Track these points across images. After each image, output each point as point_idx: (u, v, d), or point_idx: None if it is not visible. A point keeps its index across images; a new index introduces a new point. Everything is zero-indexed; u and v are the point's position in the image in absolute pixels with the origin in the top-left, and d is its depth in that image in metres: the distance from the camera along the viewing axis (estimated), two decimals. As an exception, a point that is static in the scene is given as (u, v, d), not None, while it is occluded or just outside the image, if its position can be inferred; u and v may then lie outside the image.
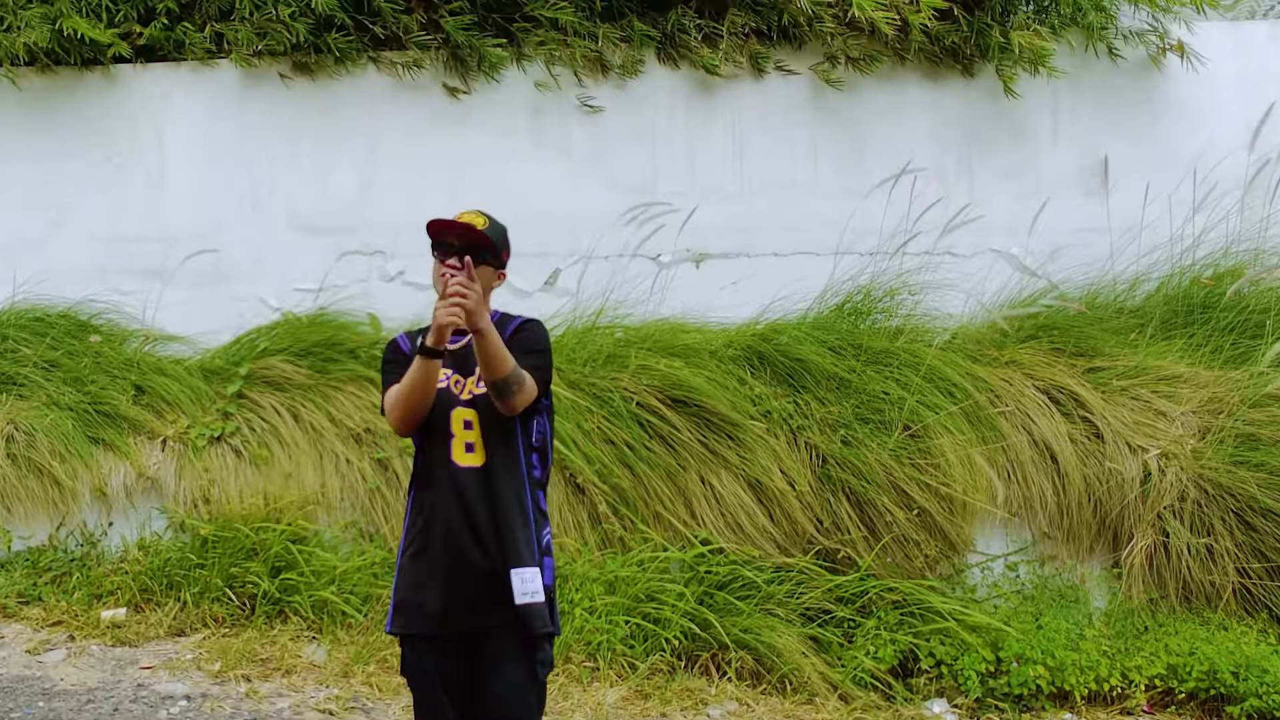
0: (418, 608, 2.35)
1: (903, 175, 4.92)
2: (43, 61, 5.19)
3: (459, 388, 2.41)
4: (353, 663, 3.88)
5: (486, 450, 2.36)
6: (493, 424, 2.37)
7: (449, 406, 2.38)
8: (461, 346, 2.39)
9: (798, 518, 4.26)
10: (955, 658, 3.96)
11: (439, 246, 2.39)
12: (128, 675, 3.77)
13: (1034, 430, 4.37)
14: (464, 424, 2.36)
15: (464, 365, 2.42)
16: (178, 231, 5.28)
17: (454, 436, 2.36)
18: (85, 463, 4.65)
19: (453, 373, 2.42)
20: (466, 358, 2.40)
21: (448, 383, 2.41)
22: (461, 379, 2.42)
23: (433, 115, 5.23)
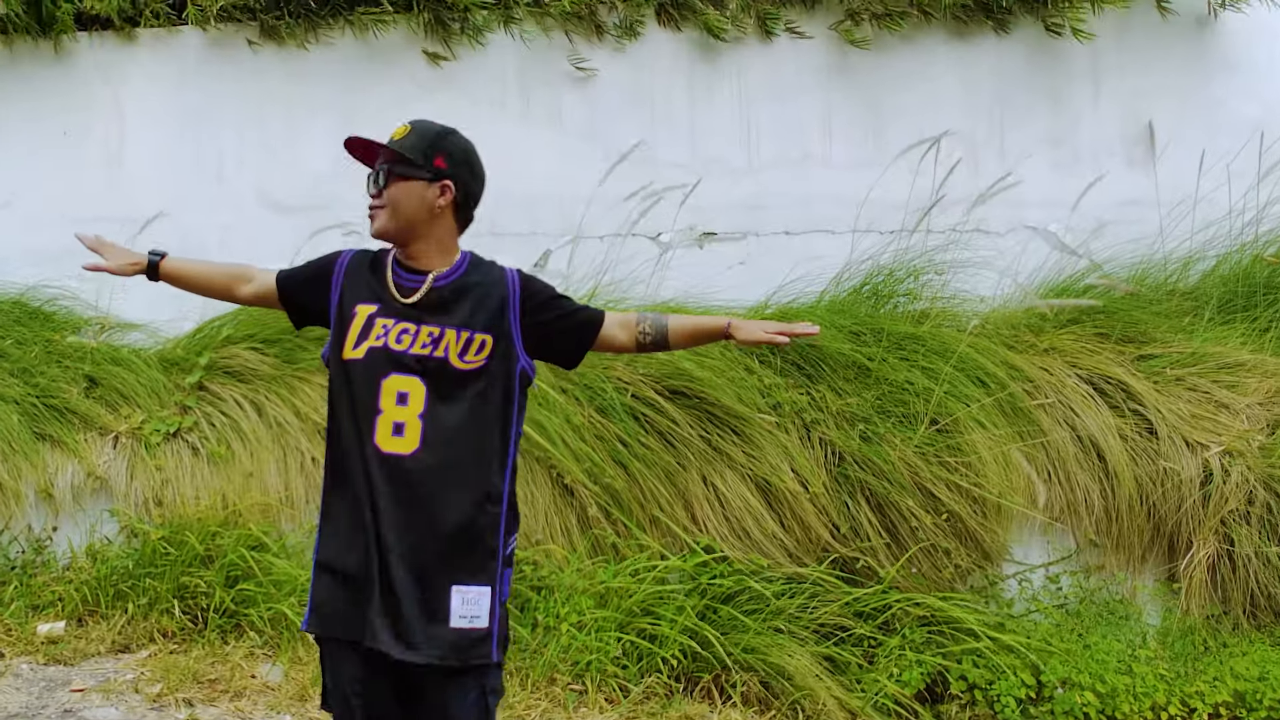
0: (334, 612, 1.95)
1: (932, 146, 4.49)
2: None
3: (405, 341, 1.94)
4: (311, 685, 3.49)
5: (425, 434, 1.92)
6: (447, 401, 1.93)
7: (382, 371, 1.93)
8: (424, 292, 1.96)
9: (811, 523, 3.83)
10: (990, 681, 3.52)
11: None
12: (55, 699, 3.39)
13: (1078, 425, 3.92)
14: (398, 396, 1.92)
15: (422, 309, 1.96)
16: (138, 211, 4.91)
17: (381, 412, 1.92)
18: (30, 461, 4.28)
19: (398, 322, 1.95)
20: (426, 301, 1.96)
21: (386, 338, 1.94)
22: (414, 329, 1.95)
23: (412, 83, 4.85)
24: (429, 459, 1.91)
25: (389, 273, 2.00)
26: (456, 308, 1.97)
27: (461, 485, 1.93)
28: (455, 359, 1.94)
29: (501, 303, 1.99)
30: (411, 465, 1.91)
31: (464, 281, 2.01)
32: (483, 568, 1.94)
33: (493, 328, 1.97)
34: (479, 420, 1.96)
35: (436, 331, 1.94)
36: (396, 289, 1.98)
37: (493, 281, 2.02)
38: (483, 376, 1.96)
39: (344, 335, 1.98)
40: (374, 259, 2.06)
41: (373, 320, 1.95)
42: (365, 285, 2.00)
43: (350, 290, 2.01)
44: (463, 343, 1.94)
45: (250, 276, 2.20)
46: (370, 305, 1.97)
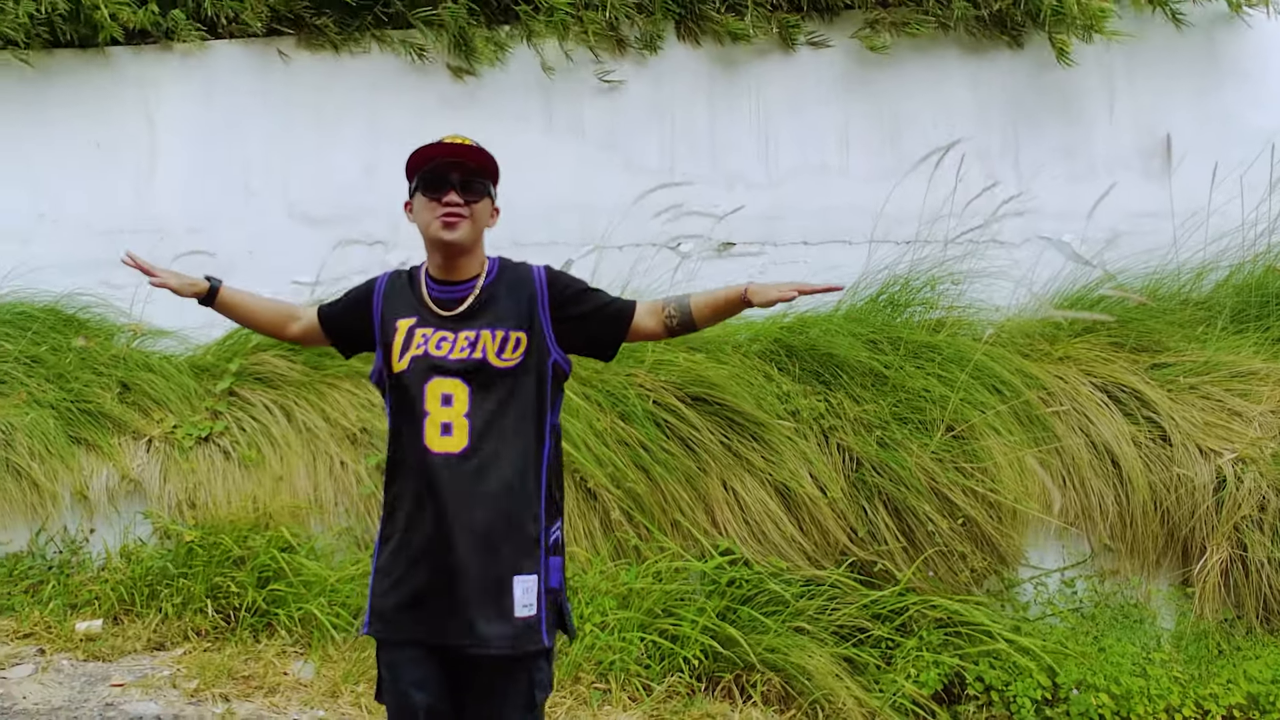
0: (397, 615, 2.08)
1: (943, 156, 4.62)
2: (37, 42, 5.02)
3: (444, 348, 2.06)
4: (342, 681, 3.63)
5: (473, 433, 2.04)
6: (491, 397, 2.05)
7: (425, 376, 2.06)
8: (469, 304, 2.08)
9: (829, 526, 3.96)
10: (1006, 683, 3.63)
11: (430, 180, 2.10)
12: (96, 694, 3.54)
13: (1092, 432, 4.04)
14: (442, 399, 2.05)
15: (458, 317, 2.08)
16: (169, 221, 5.11)
17: (428, 415, 2.04)
18: (66, 464, 4.45)
19: (437, 330, 2.08)
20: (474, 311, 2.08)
21: (426, 346, 2.07)
22: (452, 336, 2.07)
23: (438, 97, 5.02)
24: (477, 455, 2.04)
25: (423, 287, 2.15)
26: (490, 310, 2.10)
27: (508, 478, 2.05)
28: (494, 358, 2.06)
29: (531, 300, 2.12)
30: (461, 463, 2.03)
31: (496, 285, 2.13)
32: (532, 556, 2.06)
33: (525, 325, 2.09)
34: (519, 415, 2.08)
35: (473, 335, 2.06)
36: (432, 301, 2.12)
37: (522, 281, 2.14)
38: (520, 372, 2.08)
39: (390, 351, 2.11)
40: (408, 276, 2.20)
41: (413, 332, 2.10)
42: (403, 302, 2.15)
43: (389, 309, 2.15)
44: (499, 342, 2.06)
45: (298, 315, 2.35)
46: (409, 319, 2.11)
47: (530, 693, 2.08)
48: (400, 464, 2.10)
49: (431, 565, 2.04)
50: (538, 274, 2.17)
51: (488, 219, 2.15)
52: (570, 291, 2.17)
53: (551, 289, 2.15)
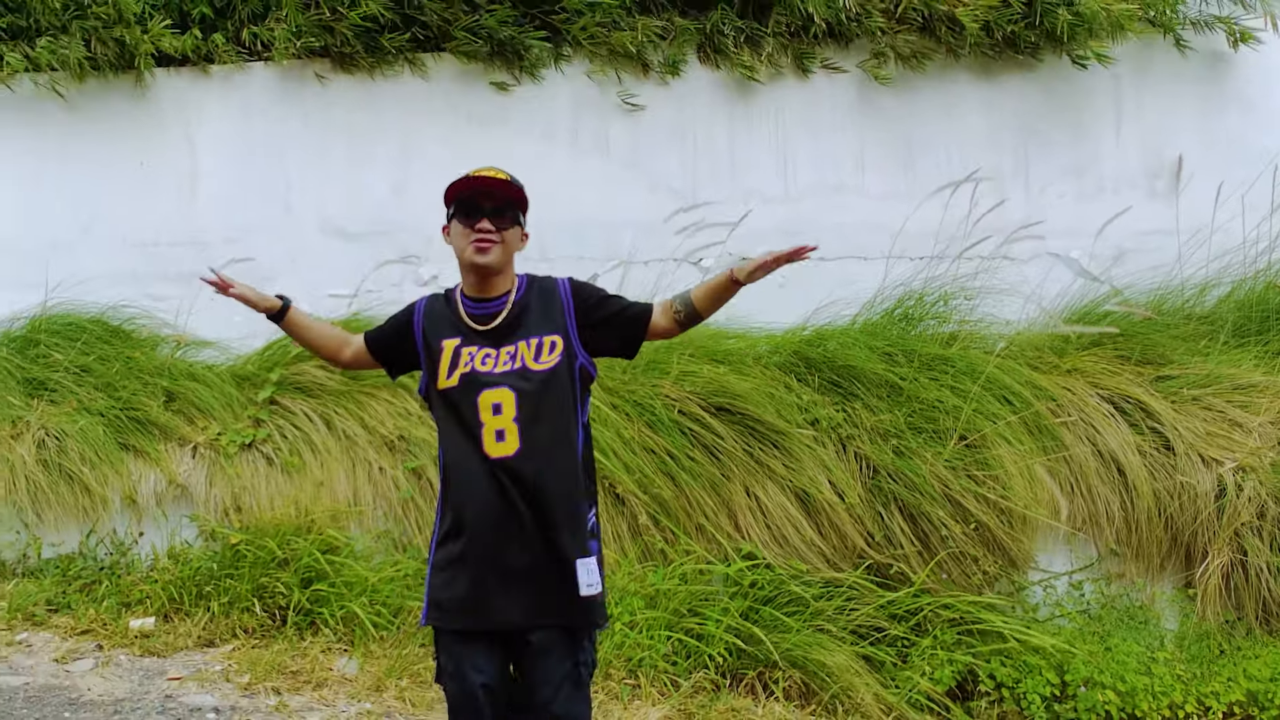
0: (455, 606, 2.29)
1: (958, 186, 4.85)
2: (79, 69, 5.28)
3: (489, 363, 2.28)
4: (385, 676, 3.85)
5: (523, 435, 2.25)
6: (535, 401, 2.26)
7: (475, 390, 2.26)
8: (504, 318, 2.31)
9: (847, 531, 4.18)
10: (1017, 680, 3.85)
11: (465, 207, 2.32)
12: (155, 686, 3.77)
13: (1099, 441, 4.25)
14: (493, 408, 2.25)
15: (498, 334, 2.31)
16: (209, 236, 5.35)
17: (483, 425, 2.25)
18: (116, 469, 4.69)
19: (482, 348, 2.29)
20: (502, 325, 2.30)
21: (473, 363, 2.28)
22: (495, 352, 2.29)
23: (468, 117, 5.26)
24: (530, 456, 2.26)
25: (460, 308, 2.36)
26: (524, 322, 2.33)
27: (558, 473, 2.28)
28: (531, 362, 2.28)
29: (559, 309, 2.34)
30: (517, 464, 2.25)
31: (527, 299, 2.36)
32: (586, 540, 2.30)
33: (557, 330, 2.32)
34: (559, 415, 2.30)
35: (512, 348, 2.29)
36: (470, 319, 2.35)
37: (549, 292, 2.37)
38: (556, 372, 2.30)
39: (436, 369, 2.33)
40: (445, 299, 2.41)
41: (459, 351, 2.31)
42: (445, 323, 2.36)
43: (431, 331, 2.37)
44: (534, 348, 2.29)
45: (350, 342, 2.56)
46: (453, 339, 2.33)
47: (578, 671, 2.29)
48: (459, 470, 2.30)
49: (498, 559, 2.25)
50: (562, 285, 2.40)
51: (518, 243, 2.37)
52: (593, 299, 2.39)
53: (576, 298, 2.37)
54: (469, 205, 2.31)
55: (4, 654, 3.96)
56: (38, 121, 5.41)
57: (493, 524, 2.26)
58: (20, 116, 5.42)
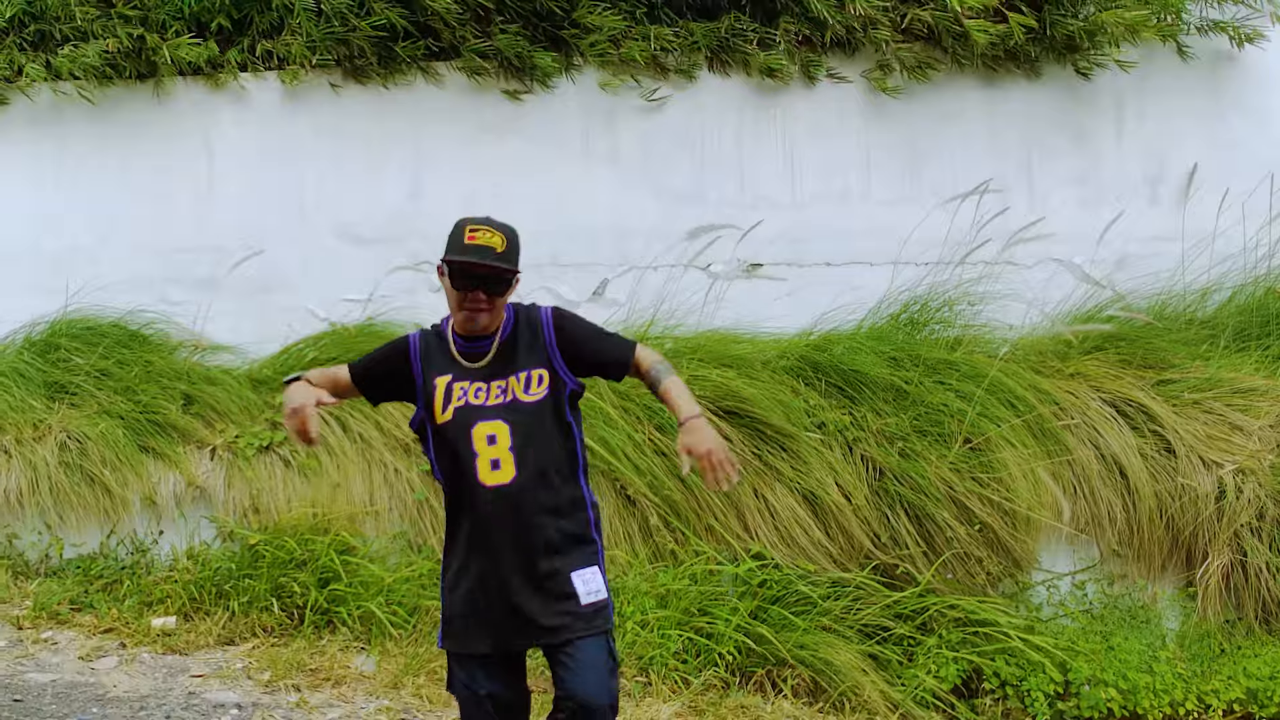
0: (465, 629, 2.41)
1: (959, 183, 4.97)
2: (98, 76, 5.40)
3: (481, 396, 2.38)
4: (402, 674, 3.96)
5: (518, 463, 2.36)
6: (527, 430, 2.37)
7: (470, 423, 2.37)
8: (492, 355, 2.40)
9: (854, 532, 4.28)
10: (1021, 678, 3.95)
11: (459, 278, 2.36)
12: (179, 683, 3.88)
13: (1101, 444, 4.35)
14: (488, 439, 2.36)
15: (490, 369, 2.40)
16: (226, 242, 5.46)
17: (478, 455, 2.35)
18: (135, 471, 4.80)
19: (473, 382, 2.39)
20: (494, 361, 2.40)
21: (466, 397, 2.38)
22: (485, 386, 2.39)
23: (481, 125, 5.37)
24: (525, 483, 2.37)
25: (451, 345, 2.44)
26: (513, 357, 2.42)
27: (554, 496, 2.40)
28: (521, 395, 2.39)
29: (543, 341, 2.45)
30: (512, 490, 2.36)
31: (515, 334, 2.45)
32: (586, 552, 2.42)
33: (543, 364, 2.43)
34: (552, 441, 2.42)
35: (503, 383, 2.40)
36: (461, 356, 2.43)
37: (533, 326, 2.46)
38: (546, 403, 2.41)
39: (432, 404, 2.42)
40: (436, 334, 2.48)
41: (451, 387, 2.40)
42: (438, 359, 2.44)
43: (428, 368, 2.44)
44: (524, 381, 2.40)
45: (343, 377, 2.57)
46: (445, 375, 2.41)
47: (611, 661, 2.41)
48: (458, 499, 2.42)
49: (499, 583, 2.37)
50: (545, 317, 2.48)
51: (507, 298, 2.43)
52: (575, 335, 2.47)
53: (556, 329, 2.47)
54: (463, 276, 2.36)
55: (31, 651, 4.07)
56: (58, 132, 5.53)
57: (493, 549, 2.37)
58: (41, 126, 5.54)
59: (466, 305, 2.36)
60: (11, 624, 4.30)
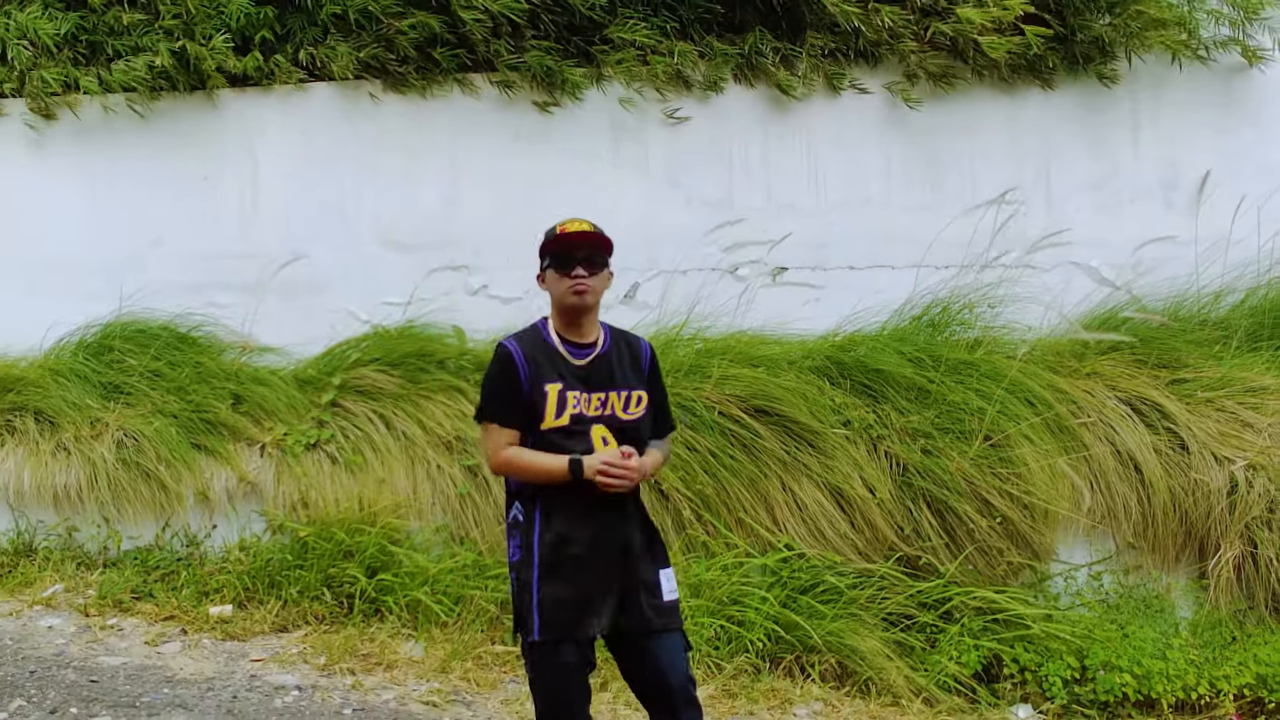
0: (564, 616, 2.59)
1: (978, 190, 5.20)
2: (148, 88, 5.70)
3: (590, 405, 2.63)
4: (449, 659, 4.22)
5: None
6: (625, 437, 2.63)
7: (586, 427, 2.61)
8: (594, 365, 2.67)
9: (879, 525, 4.52)
10: (1039, 664, 4.17)
11: (560, 259, 2.63)
12: (240, 667, 4.16)
13: (1117, 441, 4.58)
14: (602, 440, 2.62)
15: (590, 379, 2.65)
16: (270, 248, 5.75)
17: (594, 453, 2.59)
18: (189, 467, 5.10)
19: (580, 392, 2.63)
20: (593, 371, 2.66)
21: (579, 405, 2.62)
22: (588, 395, 2.64)
23: (515, 136, 5.63)
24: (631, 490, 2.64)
25: (558, 351, 2.66)
26: (614, 374, 2.69)
27: (640, 501, 2.73)
28: (620, 412, 2.67)
29: (642, 366, 2.75)
30: (619, 495, 2.62)
31: (614, 349, 2.74)
32: (662, 555, 2.74)
33: (644, 385, 2.73)
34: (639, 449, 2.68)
35: (603, 395, 2.66)
36: (570, 365, 2.66)
37: (635, 350, 2.76)
38: (642, 422, 2.70)
39: (541, 412, 2.60)
40: (534, 340, 2.68)
41: (564, 395, 2.62)
42: (546, 366, 2.63)
43: (535, 374, 2.62)
44: (624, 400, 2.67)
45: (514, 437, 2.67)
46: (556, 383, 2.62)
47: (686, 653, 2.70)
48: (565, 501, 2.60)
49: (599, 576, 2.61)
50: (646, 349, 2.79)
51: (606, 283, 2.71)
52: (658, 376, 2.81)
53: (651, 367, 2.79)
54: (563, 257, 2.61)
55: (100, 637, 4.36)
56: (108, 143, 5.83)
57: (602, 548, 2.62)
58: (91, 138, 5.84)
59: (573, 288, 2.59)
60: (79, 611, 4.60)
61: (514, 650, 4.29)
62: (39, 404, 5.36)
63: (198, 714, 3.68)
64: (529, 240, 5.48)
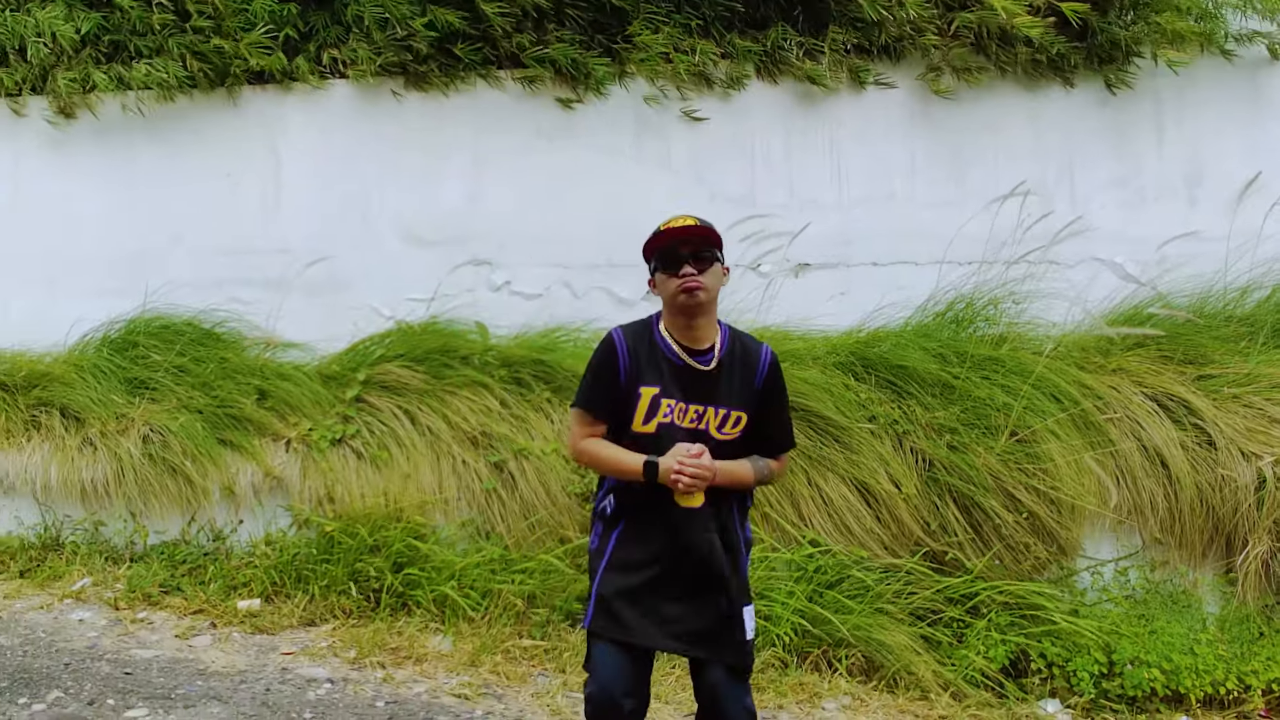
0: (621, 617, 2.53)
1: (1002, 186, 5.23)
2: (172, 87, 5.75)
3: (684, 416, 2.49)
4: (478, 653, 4.26)
5: (708, 490, 2.47)
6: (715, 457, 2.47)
7: (671, 442, 2.47)
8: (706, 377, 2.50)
9: (905, 520, 4.55)
10: (1067, 659, 4.19)
11: (666, 258, 2.52)
12: (271, 660, 4.21)
13: (1144, 437, 4.60)
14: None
15: (691, 389, 2.50)
16: (293, 244, 5.80)
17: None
18: (215, 462, 5.15)
19: (677, 401, 2.48)
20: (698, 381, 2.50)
21: (671, 415, 2.50)
22: (685, 406, 2.49)
23: (537, 131, 5.67)
24: (711, 508, 2.52)
25: (664, 353, 2.55)
26: (719, 388, 2.52)
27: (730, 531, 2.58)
28: (715, 431, 2.53)
29: (756, 378, 2.56)
30: (703, 516, 2.49)
31: (730, 356, 2.57)
32: (748, 590, 2.62)
33: (746, 405, 2.55)
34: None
35: (700, 409, 2.52)
36: (674, 369, 2.52)
37: (753, 359, 2.58)
38: (737, 444, 2.55)
39: (631, 411, 2.53)
40: (642, 336, 2.56)
41: (658, 400, 2.51)
42: (648, 366, 2.53)
43: (635, 371, 2.53)
44: (720, 418, 2.53)
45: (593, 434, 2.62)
46: (653, 387, 2.51)
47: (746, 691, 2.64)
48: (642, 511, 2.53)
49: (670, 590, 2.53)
50: (765, 359, 2.60)
51: (719, 279, 2.57)
52: (776, 390, 2.61)
53: (767, 379, 2.58)
54: (669, 256, 2.51)
55: (131, 630, 4.42)
56: (129, 140, 5.89)
57: (673, 564, 2.52)
58: (114, 135, 5.90)
59: (684, 286, 2.47)
60: (109, 605, 4.65)
61: (542, 645, 4.34)
62: (64, 400, 5.42)
63: (233, 706, 3.73)
64: (552, 236, 5.62)
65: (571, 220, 5.59)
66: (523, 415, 5.02)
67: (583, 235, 5.53)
